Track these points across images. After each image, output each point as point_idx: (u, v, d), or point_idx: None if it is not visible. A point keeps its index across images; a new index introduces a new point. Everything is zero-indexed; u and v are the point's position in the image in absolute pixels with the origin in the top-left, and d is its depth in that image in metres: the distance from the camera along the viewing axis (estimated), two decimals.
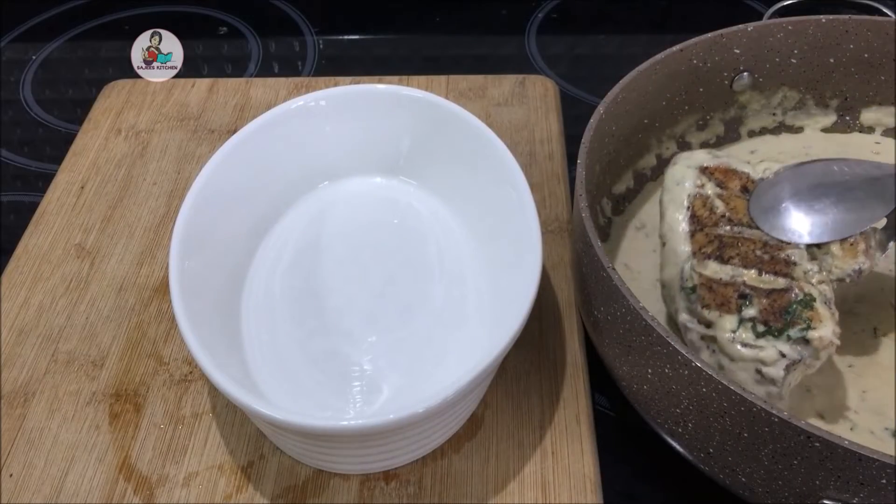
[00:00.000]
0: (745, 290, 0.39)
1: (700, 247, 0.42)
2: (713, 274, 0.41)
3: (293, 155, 0.51)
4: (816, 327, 0.38)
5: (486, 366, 0.38)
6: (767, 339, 0.38)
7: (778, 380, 0.38)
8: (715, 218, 0.42)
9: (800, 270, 0.40)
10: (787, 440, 0.34)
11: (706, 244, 0.42)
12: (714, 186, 0.44)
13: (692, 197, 0.44)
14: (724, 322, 0.39)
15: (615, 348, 0.42)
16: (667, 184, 0.46)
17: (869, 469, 0.32)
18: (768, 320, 0.39)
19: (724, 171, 0.44)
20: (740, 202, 0.43)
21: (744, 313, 0.39)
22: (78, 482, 0.43)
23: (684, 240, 0.43)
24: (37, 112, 0.70)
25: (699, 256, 0.41)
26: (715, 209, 0.43)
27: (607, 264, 0.39)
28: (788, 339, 0.38)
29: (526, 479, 0.42)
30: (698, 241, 0.42)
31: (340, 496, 0.42)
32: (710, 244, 0.41)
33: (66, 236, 0.55)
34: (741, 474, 0.37)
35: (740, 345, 0.39)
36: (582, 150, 0.45)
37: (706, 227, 0.42)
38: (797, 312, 0.39)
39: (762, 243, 0.41)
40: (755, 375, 0.39)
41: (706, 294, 0.40)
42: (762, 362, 0.38)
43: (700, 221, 0.43)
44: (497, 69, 0.68)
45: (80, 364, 0.48)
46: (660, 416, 0.41)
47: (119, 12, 0.80)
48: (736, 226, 0.42)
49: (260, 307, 0.48)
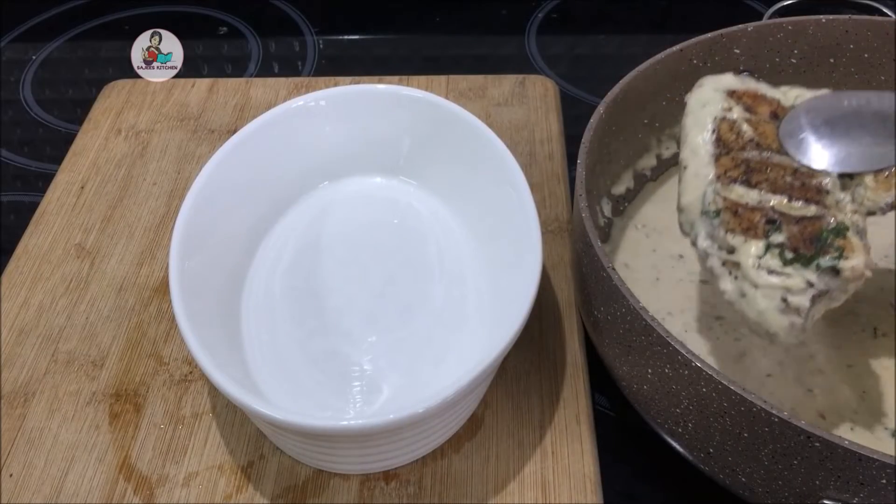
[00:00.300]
0: (773, 216, 0.37)
1: (725, 170, 0.39)
2: (739, 198, 0.38)
3: (293, 155, 0.51)
4: (849, 257, 0.36)
5: (486, 366, 0.38)
6: (795, 266, 0.37)
7: (803, 310, 0.37)
8: (742, 142, 0.40)
9: (832, 199, 0.38)
10: (787, 440, 0.34)
11: (732, 168, 0.39)
12: (742, 111, 0.41)
13: (718, 120, 0.41)
14: (749, 247, 0.37)
15: (615, 348, 0.42)
16: (691, 106, 0.43)
17: (869, 469, 0.32)
18: (798, 247, 0.37)
19: (752, 95, 0.42)
20: (769, 128, 0.41)
21: (771, 239, 0.37)
22: (78, 482, 0.43)
23: (708, 163, 0.40)
24: (37, 112, 0.70)
25: (724, 180, 0.39)
26: (742, 134, 0.40)
27: (607, 264, 0.39)
28: (818, 269, 0.36)
29: (526, 479, 0.42)
30: (724, 165, 0.40)
31: (340, 496, 0.42)
32: (737, 168, 0.39)
33: (66, 236, 0.55)
34: (741, 474, 0.38)
35: (766, 271, 0.37)
36: (582, 150, 0.45)
37: (732, 151, 0.40)
38: (829, 241, 0.37)
39: (792, 170, 0.39)
40: (780, 304, 0.37)
41: (731, 218, 0.38)
42: (788, 290, 0.36)
43: (726, 145, 0.40)
44: (497, 69, 0.68)
45: (80, 364, 0.48)
46: (660, 416, 0.41)
47: (119, 12, 0.80)
48: (765, 151, 0.40)
49: (260, 307, 0.48)
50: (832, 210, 0.38)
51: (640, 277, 0.50)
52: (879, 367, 0.45)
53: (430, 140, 0.52)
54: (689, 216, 0.41)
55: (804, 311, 0.37)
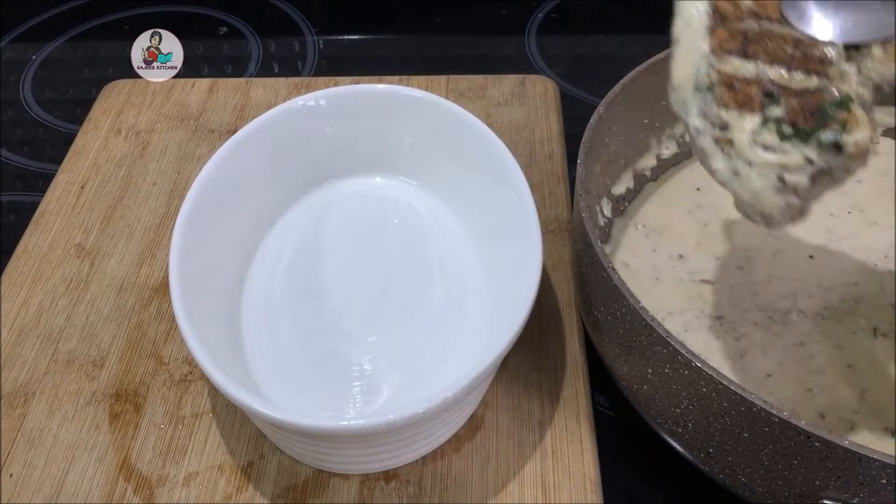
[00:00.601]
0: (771, 89, 0.35)
1: (721, 42, 0.37)
2: (734, 71, 0.36)
3: (293, 155, 0.51)
4: (853, 130, 0.34)
5: (486, 366, 0.38)
6: (794, 142, 0.34)
7: (801, 189, 0.34)
8: (740, 13, 0.37)
9: (836, 70, 0.35)
10: (787, 440, 0.34)
11: (728, 39, 0.37)
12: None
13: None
14: (744, 122, 0.35)
15: (615, 348, 0.42)
16: None
17: (869, 469, 0.32)
18: (797, 121, 0.34)
19: None
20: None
21: (768, 112, 0.35)
22: (78, 482, 0.43)
23: (703, 35, 0.38)
24: (37, 112, 0.70)
25: (719, 53, 0.36)
26: (740, 3, 0.37)
27: (607, 264, 0.39)
28: (818, 145, 0.34)
29: (526, 479, 0.42)
30: (719, 37, 0.37)
31: (340, 496, 0.42)
32: (734, 39, 0.36)
33: (66, 236, 0.55)
34: (741, 474, 0.38)
35: (762, 147, 0.34)
36: (582, 150, 0.45)
37: (729, 22, 0.37)
38: (832, 113, 0.34)
39: (794, 40, 0.36)
40: (776, 183, 0.34)
41: (725, 93, 0.36)
42: (785, 168, 0.34)
43: (722, 16, 0.37)
44: (497, 69, 0.68)
45: (80, 364, 0.48)
46: (660, 416, 0.41)
47: (119, 12, 0.80)
48: (764, 21, 0.37)
49: (260, 307, 0.48)
50: (836, 82, 0.35)
51: (640, 277, 0.50)
52: (879, 367, 0.45)
53: (430, 140, 0.52)
54: (682, 94, 0.39)
55: (802, 189, 0.34)
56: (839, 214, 0.53)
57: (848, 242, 0.51)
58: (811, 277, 0.49)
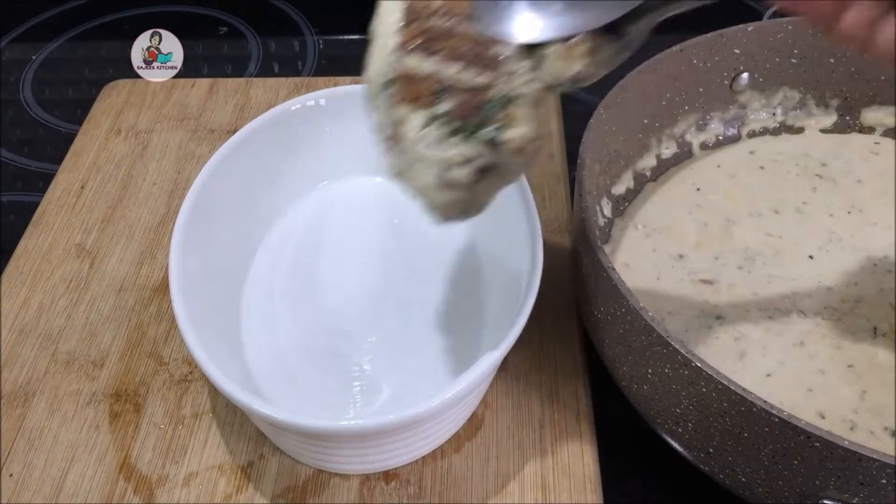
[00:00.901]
0: (441, 86, 0.35)
1: (408, 39, 0.37)
2: (412, 68, 0.36)
3: (293, 155, 0.51)
4: (510, 128, 0.34)
5: (486, 366, 0.38)
6: (458, 137, 0.35)
7: (465, 185, 0.35)
8: (430, 10, 0.37)
9: (507, 69, 0.36)
10: (787, 440, 0.34)
11: (416, 36, 0.37)
12: None
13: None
14: (413, 118, 0.35)
15: (615, 348, 0.42)
16: None
17: (869, 469, 0.32)
18: (460, 118, 0.35)
19: None
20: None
21: (436, 109, 0.35)
22: (78, 482, 0.43)
23: (394, 32, 0.38)
24: (37, 112, 0.70)
25: (405, 49, 0.37)
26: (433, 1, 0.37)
27: (607, 264, 0.39)
28: (480, 140, 0.34)
29: (526, 479, 0.42)
30: (409, 33, 0.37)
31: (340, 496, 0.42)
32: (420, 36, 0.37)
33: (66, 236, 0.55)
34: (741, 474, 0.38)
35: (427, 143, 0.35)
36: (582, 150, 0.45)
37: (419, 20, 0.37)
38: (494, 111, 0.35)
39: (474, 39, 0.36)
40: (441, 178, 0.35)
41: (402, 88, 0.36)
42: (448, 163, 0.35)
43: (415, 13, 0.37)
44: None
45: (80, 364, 0.48)
46: (660, 416, 0.40)
47: (119, 12, 0.80)
48: (453, 17, 0.37)
49: (260, 307, 0.48)
50: (503, 81, 0.35)
51: (640, 277, 0.50)
52: (879, 367, 0.45)
53: None
54: (372, 88, 0.39)
55: (467, 185, 0.35)
56: (839, 214, 0.53)
57: (848, 242, 0.51)
58: (811, 277, 0.49)
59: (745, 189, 0.55)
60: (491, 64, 0.35)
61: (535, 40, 0.36)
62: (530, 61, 0.36)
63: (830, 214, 0.53)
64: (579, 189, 0.44)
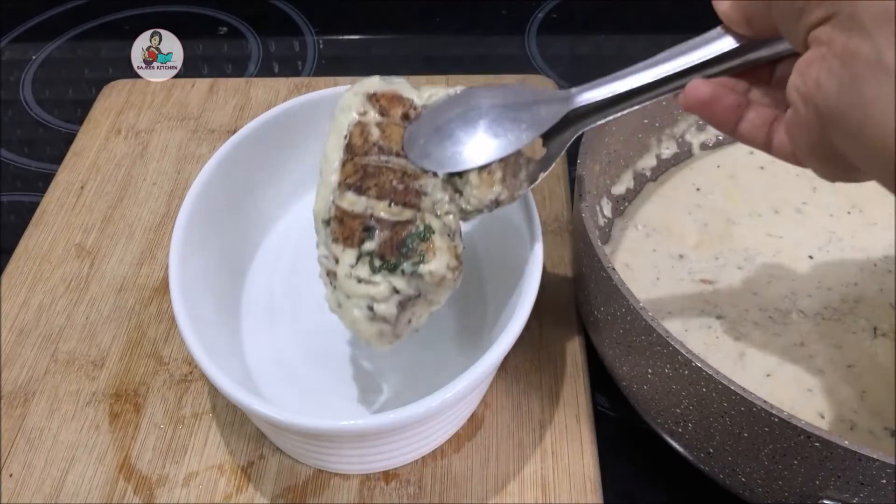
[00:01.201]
0: (370, 223, 0.37)
1: (346, 177, 0.39)
2: (349, 206, 0.38)
3: (293, 154, 0.51)
4: (429, 261, 0.36)
5: (486, 366, 0.38)
6: (383, 273, 0.37)
7: (390, 317, 0.37)
8: (367, 147, 0.39)
9: (429, 201, 0.38)
10: (787, 440, 0.34)
11: (352, 174, 0.38)
12: (376, 115, 0.40)
13: (352, 125, 0.40)
14: (345, 256, 0.37)
15: (615, 348, 0.42)
16: (335, 112, 0.42)
17: (869, 469, 0.32)
18: (385, 254, 0.37)
19: (389, 97, 0.40)
20: (398, 130, 0.39)
21: (364, 247, 0.37)
22: (78, 482, 0.43)
23: (336, 170, 0.39)
24: (37, 112, 0.70)
25: (343, 188, 0.38)
26: (370, 137, 0.39)
27: (607, 264, 0.39)
28: (403, 274, 0.37)
29: (526, 479, 0.42)
30: (346, 172, 0.39)
31: (340, 496, 0.42)
32: (355, 174, 0.38)
33: (66, 236, 0.55)
34: (741, 474, 0.38)
35: (356, 280, 0.37)
36: (582, 150, 0.45)
37: (356, 157, 0.39)
38: (413, 245, 0.37)
39: (402, 173, 0.38)
40: (368, 312, 0.37)
41: (337, 227, 0.38)
42: (374, 298, 0.37)
43: (353, 150, 0.39)
44: (497, 69, 0.68)
45: (80, 364, 0.48)
46: (660, 416, 0.41)
47: (119, 12, 0.80)
48: (385, 154, 0.39)
49: (260, 307, 0.48)
50: (425, 213, 0.38)
51: (640, 277, 0.50)
52: (879, 367, 0.45)
53: None
54: (316, 224, 0.40)
55: (391, 317, 0.37)
56: (839, 214, 0.53)
57: (848, 242, 0.51)
58: (811, 277, 0.49)
59: (745, 189, 0.55)
60: (416, 196, 0.37)
61: (453, 170, 0.38)
62: (451, 191, 0.38)
63: (830, 214, 0.53)
64: (579, 189, 0.44)
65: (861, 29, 0.26)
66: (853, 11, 0.27)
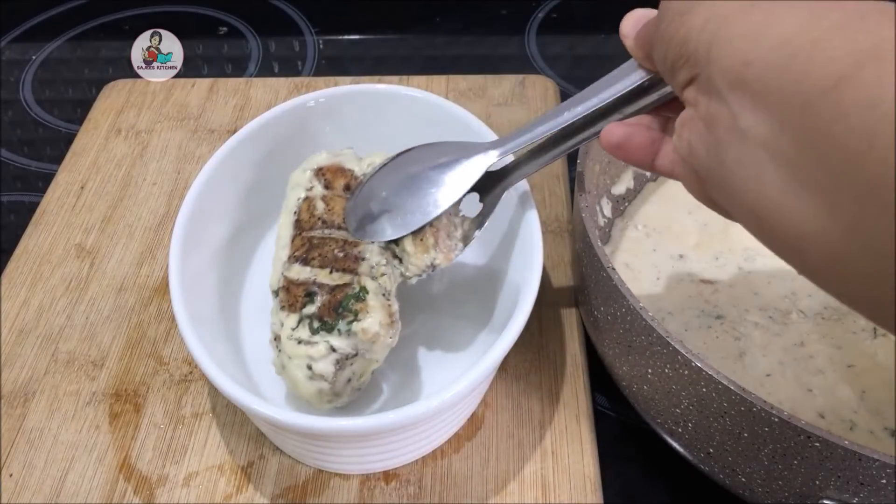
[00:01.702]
0: (312, 289, 0.40)
1: (295, 250, 0.41)
2: (295, 276, 0.41)
3: (293, 155, 0.51)
4: (362, 319, 0.38)
5: (487, 366, 0.38)
6: (322, 334, 0.39)
7: (328, 375, 0.39)
8: (313, 221, 0.42)
9: (366, 265, 0.40)
10: (787, 440, 0.34)
11: (300, 247, 0.41)
12: (322, 188, 0.43)
13: (300, 201, 0.43)
14: (289, 321, 0.39)
15: (615, 348, 0.42)
16: (287, 190, 0.45)
17: (869, 469, 0.32)
18: (323, 316, 0.39)
19: (334, 170, 0.43)
20: (340, 202, 0.42)
21: (305, 311, 0.39)
22: (78, 482, 0.43)
23: (286, 245, 0.42)
24: (37, 112, 0.70)
25: (291, 260, 0.41)
26: (315, 211, 0.42)
27: (607, 264, 0.39)
28: (339, 333, 0.38)
29: (526, 479, 0.42)
30: (295, 245, 0.42)
31: (340, 496, 0.42)
32: (303, 247, 0.41)
33: (66, 236, 0.55)
34: (741, 474, 0.38)
35: (297, 342, 0.39)
36: (582, 151, 0.45)
37: (304, 231, 0.42)
38: (349, 305, 0.39)
39: (343, 241, 0.41)
40: (307, 372, 0.39)
41: (284, 296, 0.40)
42: (312, 358, 0.38)
43: (301, 226, 0.42)
44: (497, 69, 0.68)
45: (80, 364, 0.48)
46: (660, 416, 0.41)
47: (119, 12, 0.80)
48: (328, 227, 0.42)
49: (260, 307, 0.48)
50: (362, 276, 0.40)
51: (640, 277, 0.50)
52: (879, 367, 0.45)
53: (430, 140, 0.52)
54: (271, 295, 0.43)
55: (329, 375, 0.39)
56: None
57: None
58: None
59: None
60: (355, 262, 0.40)
61: (382, 240, 0.41)
62: (389, 255, 0.41)
63: None
64: (579, 189, 0.44)
65: (718, 93, 0.27)
66: (709, 75, 0.27)
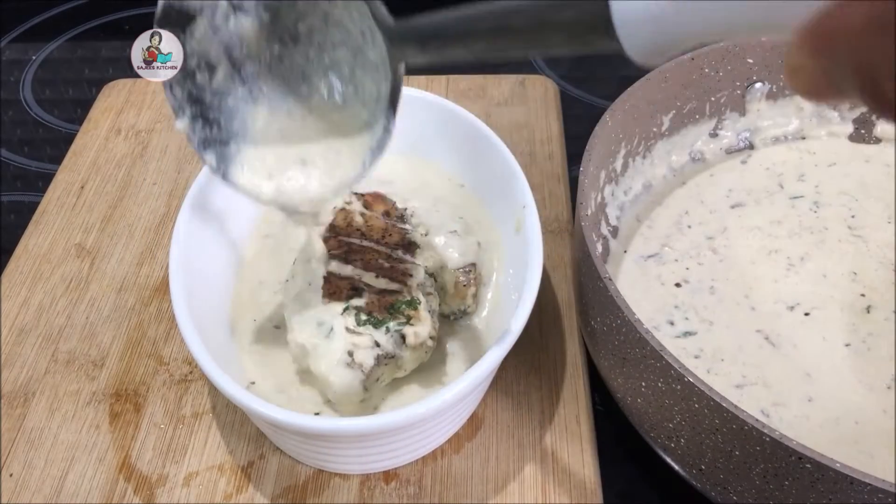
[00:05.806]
0: (358, 285, 0.42)
1: (331, 248, 0.44)
2: (337, 270, 0.43)
3: None
4: (415, 325, 0.41)
5: (487, 366, 0.38)
6: (367, 326, 0.41)
7: (366, 366, 0.40)
8: (350, 229, 0.45)
9: (414, 281, 0.43)
10: (778, 460, 0.33)
11: (336, 247, 0.44)
12: (361, 206, 0.46)
13: (336, 209, 0.46)
14: (330, 307, 0.41)
15: (610, 359, 0.41)
16: None
17: (861, 493, 0.31)
18: (373, 311, 0.41)
19: (374, 196, 0.47)
20: (379, 223, 0.45)
21: (351, 302, 0.42)
22: (78, 482, 0.43)
23: (318, 238, 0.45)
24: (37, 112, 0.70)
25: (330, 256, 0.44)
26: (353, 222, 0.45)
27: (604, 274, 0.39)
28: (387, 331, 0.41)
29: (526, 479, 0.42)
30: (330, 245, 0.44)
31: (340, 496, 0.42)
32: (340, 248, 0.44)
33: (66, 236, 0.55)
34: (733, 492, 0.37)
35: (341, 325, 0.41)
36: (585, 159, 0.45)
37: (339, 235, 0.45)
38: (401, 309, 0.42)
39: (387, 256, 0.44)
40: (346, 357, 0.40)
41: (325, 285, 0.42)
42: (356, 346, 0.40)
43: (336, 230, 0.45)
44: (497, 69, 0.68)
45: (80, 364, 0.48)
46: (653, 430, 0.40)
47: (119, 12, 0.80)
48: (367, 240, 0.45)
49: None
50: (412, 289, 0.43)
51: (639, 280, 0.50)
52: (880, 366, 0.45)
53: (429, 140, 0.52)
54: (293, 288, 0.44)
55: (367, 367, 0.40)
56: (840, 217, 0.53)
57: (848, 242, 0.51)
58: (811, 277, 0.49)
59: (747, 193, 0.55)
60: (402, 276, 0.43)
61: None
62: (433, 282, 0.44)
63: (831, 217, 0.53)
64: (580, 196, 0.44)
65: None
66: None
